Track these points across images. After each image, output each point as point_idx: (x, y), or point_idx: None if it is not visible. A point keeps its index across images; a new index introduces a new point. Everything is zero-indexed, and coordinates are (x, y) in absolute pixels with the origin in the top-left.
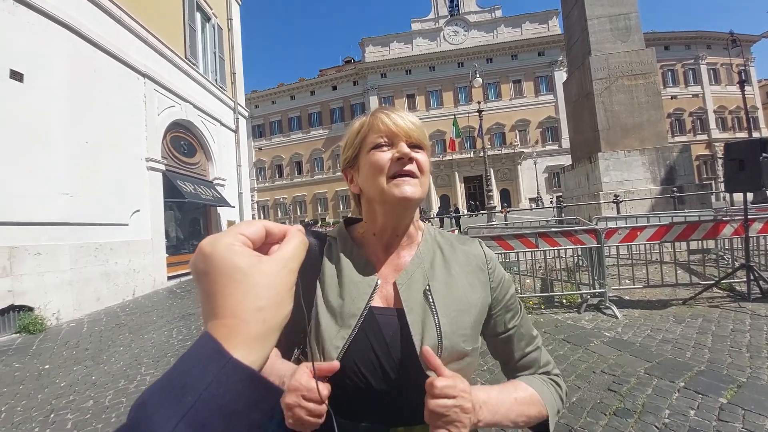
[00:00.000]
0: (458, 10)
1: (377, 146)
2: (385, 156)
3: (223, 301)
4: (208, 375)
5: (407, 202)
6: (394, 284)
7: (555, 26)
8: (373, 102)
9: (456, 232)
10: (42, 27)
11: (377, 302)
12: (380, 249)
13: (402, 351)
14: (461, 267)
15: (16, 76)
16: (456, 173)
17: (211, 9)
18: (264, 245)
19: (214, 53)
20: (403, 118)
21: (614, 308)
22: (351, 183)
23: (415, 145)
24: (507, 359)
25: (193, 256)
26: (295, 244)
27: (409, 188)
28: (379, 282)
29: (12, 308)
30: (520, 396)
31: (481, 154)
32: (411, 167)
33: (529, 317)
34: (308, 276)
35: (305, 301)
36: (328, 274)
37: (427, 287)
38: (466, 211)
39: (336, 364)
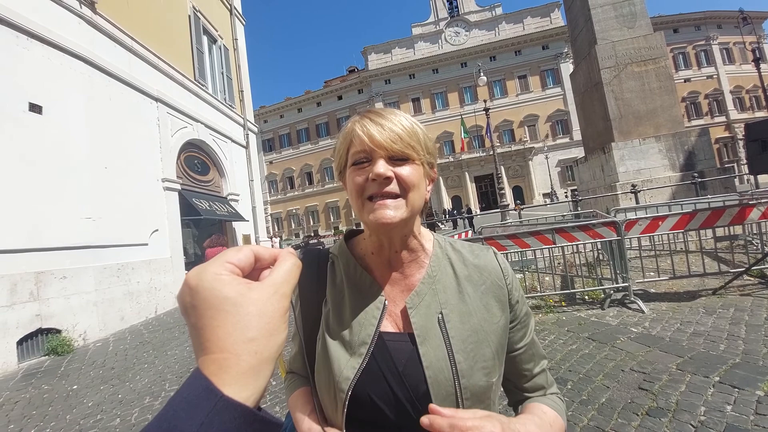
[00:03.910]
0: (458, 11)
1: (356, 163)
2: (362, 176)
3: (211, 335)
4: (198, 416)
5: (385, 228)
6: (404, 307)
7: (557, 18)
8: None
9: (470, 233)
10: (58, 60)
11: (386, 327)
12: (384, 266)
13: (416, 379)
14: (475, 287)
15: (35, 108)
16: (466, 173)
17: (217, 31)
18: (254, 271)
19: (222, 73)
20: (383, 130)
21: (640, 302)
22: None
23: (398, 158)
24: (516, 380)
25: (180, 289)
26: (286, 267)
27: (388, 212)
28: (387, 303)
29: (40, 331)
30: (554, 423)
31: (491, 152)
32: (390, 188)
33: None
34: (311, 299)
35: (306, 327)
36: (332, 297)
37: (440, 316)
38: (479, 211)
39: None
